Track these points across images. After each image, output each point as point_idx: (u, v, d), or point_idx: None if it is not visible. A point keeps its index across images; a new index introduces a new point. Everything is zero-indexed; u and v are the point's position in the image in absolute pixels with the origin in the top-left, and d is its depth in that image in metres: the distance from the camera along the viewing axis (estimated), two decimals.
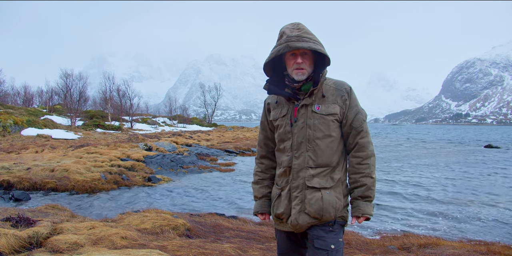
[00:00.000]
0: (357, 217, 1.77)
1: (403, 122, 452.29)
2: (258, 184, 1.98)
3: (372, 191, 1.77)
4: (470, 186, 10.53)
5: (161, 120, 52.25)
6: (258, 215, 1.98)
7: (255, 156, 2.07)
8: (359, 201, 1.77)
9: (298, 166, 1.75)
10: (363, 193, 1.76)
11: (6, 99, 44.20)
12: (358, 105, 1.82)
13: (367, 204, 1.76)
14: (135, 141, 18.44)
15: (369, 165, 1.77)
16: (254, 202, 2.00)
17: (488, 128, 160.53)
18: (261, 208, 1.95)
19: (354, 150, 1.79)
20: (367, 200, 1.77)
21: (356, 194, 1.78)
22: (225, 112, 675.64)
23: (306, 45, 1.66)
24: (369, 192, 1.76)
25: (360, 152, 1.77)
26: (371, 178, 1.77)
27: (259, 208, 1.96)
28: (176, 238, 4.08)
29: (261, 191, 1.96)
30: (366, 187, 1.76)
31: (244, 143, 23.55)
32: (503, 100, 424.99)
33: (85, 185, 8.82)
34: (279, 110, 1.85)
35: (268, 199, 1.96)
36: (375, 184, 1.79)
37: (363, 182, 1.76)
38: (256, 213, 1.97)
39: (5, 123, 20.92)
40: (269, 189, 1.96)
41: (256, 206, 1.97)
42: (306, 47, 1.66)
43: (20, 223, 3.91)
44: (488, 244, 4.75)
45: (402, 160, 18.13)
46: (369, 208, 1.75)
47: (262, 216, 1.97)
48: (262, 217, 1.97)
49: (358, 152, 1.78)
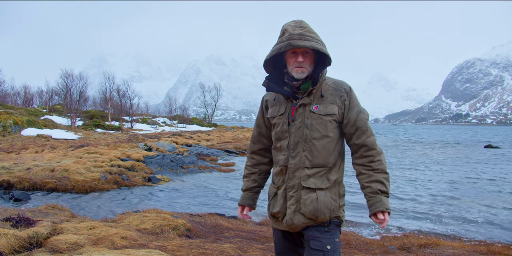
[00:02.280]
0: (382, 212, 1.69)
1: (403, 122, 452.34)
2: (246, 178, 2.02)
3: (388, 187, 1.74)
4: (470, 186, 10.53)
5: (161, 120, 52.25)
6: (239, 207, 2.01)
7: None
8: (380, 195, 1.70)
9: (294, 166, 1.74)
10: (382, 188, 1.71)
11: (6, 99, 44.19)
12: (359, 105, 1.80)
13: (387, 199, 1.71)
14: (135, 141, 18.44)
15: (381, 161, 1.75)
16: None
17: (488, 128, 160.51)
18: (242, 200, 1.99)
19: (363, 150, 1.76)
20: (386, 195, 1.72)
21: (376, 189, 1.71)
22: (225, 112, 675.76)
23: (309, 44, 1.64)
24: (387, 187, 1.73)
25: (371, 151, 1.75)
26: (385, 173, 1.74)
27: (240, 200, 2.00)
28: (176, 238, 4.08)
29: (246, 184, 2.00)
30: (383, 182, 1.72)
31: (244, 143, 23.55)
32: (503, 100, 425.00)
33: (85, 185, 8.82)
34: (277, 108, 1.83)
35: (252, 192, 1.99)
36: (389, 180, 1.76)
37: (380, 177, 1.72)
38: (239, 204, 2.01)
39: (5, 123, 20.92)
40: (254, 183, 1.99)
41: (240, 199, 2.01)
42: (308, 46, 1.64)
43: (20, 223, 3.91)
44: (488, 244, 4.75)
45: (401, 160, 18.13)
46: (389, 203, 1.70)
47: (242, 208, 2.00)
48: (240, 209, 2.00)
49: (369, 151, 1.75)
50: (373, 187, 1.72)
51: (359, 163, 1.78)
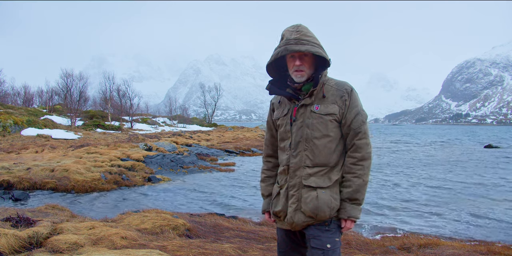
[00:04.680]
0: (344, 220, 1.74)
1: (403, 122, 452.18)
2: (264, 182, 2.02)
3: (361, 194, 1.73)
4: (470, 186, 10.53)
5: (161, 120, 52.26)
6: (265, 214, 2.00)
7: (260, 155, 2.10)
8: (346, 203, 1.74)
9: (295, 165, 1.76)
10: (351, 195, 1.73)
11: (6, 99, 44.15)
12: (359, 106, 1.81)
13: (354, 206, 1.72)
14: (135, 141, 18.44)
15: (363, 166, 1.74)
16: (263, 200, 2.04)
17: (488, 128, 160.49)
18: (268, 206, 1.98)
19: (350, 150, 1.78)
20: (355, 202, 1.73)
21: (344, 196, 1.74)
22: (225, 112, 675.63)
23: (303, 48, 1.69)
24: (358, 194, 1.73)
25: (356, 153, 1.76)
26: (362, 180, 1.73)
27: (266, 206, 2.00)
28: (176, 238, 4.09)
29: (267, 189, 2.00)
30: (355, 189, 1.72)
31: (244, 143, 23.55)
32: (503, 100, 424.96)
33: (85, 185, 8.82)
34: (281, 109, 1.89)
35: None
36: (365, 188, 1.75)
37: (354, 182, 1.73)
38: (264, 212, 2.01)
39: (5, 123, 20.92)
40: None
41: (264, 205, 2.01)
42: (303, 50, 1.69)
43: (20, 223, 3.91)
44: (488, 244, 4.75)
45: (401, 160, 18.13)
46: (355, 211, 1.72)
47: (267, 214, 2.00)
48: (267, 216, 1.99)
49: (354, 153, 1.76)
50: (343, 193, 1.75)
51: (345, 163, 1.80)
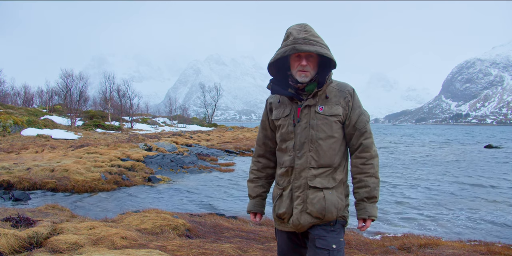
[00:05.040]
0: (363, 220, 1.76)
1: (403, 122, 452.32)
2: (253, 183, 1.99)
3: (377, 192, 1.77)
4: (469, 186, 10.53)
5: (161, 120, 52.28)
6: (251, 214, 2.00)
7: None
8: (365, 203, 1.76)
9: (301, 166, 1.75)
10: (369, 194, 1.75)
11: (6, 99, 44.15)
12: (361, 107, 1.83)
13: (373, 205, 1.76)
14: (135, 141, 18.44)
15: (373, 165, 1.77)
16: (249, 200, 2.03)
17: (488, 128, 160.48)
18: (254, 207, 1.97)
19: (358, 150, 1.79)
20: (373, 201, 1.76)
21: (362, 196, 1.76)
22: (225, 112, 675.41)
23: (313, 48, 1.67)
24: (375, 192, 1.76)
25: (365, 153, 1.78)
26: (375, 178, 1.77)
27: (251, 207, 1.98)
28: (176, 238, 4.08)
29: (255, 190, 1.98)
30: (372, 187, 1.75)
31: (244, 143, 23.54)
32: (503, 100, 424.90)
33: (85, 185, 8.82)
34: (281, 109, 1.85)
35: (262, 199, 1.98)
36: (379, 185, 1.79)
37: (368, 182, 1.76)
38: (249, 212, 1.99)
39: (5, 123, 20.92)
40: (263, 188, 1.98)
41: (249, 205, 1.99)
42: (313, 51, 1.67)
43: (20, 223, 3.91)
44: (488, 244, 4.74)
45: (400, 160, 18.13)
46: (375, 210, 1.75)
47: (254, 215, 1.99)
48: (253, 217, 1.99)
49: (363, 153, 1.78)
50: (360, 194, 1.77)
51: (352, 164, 1.82)
